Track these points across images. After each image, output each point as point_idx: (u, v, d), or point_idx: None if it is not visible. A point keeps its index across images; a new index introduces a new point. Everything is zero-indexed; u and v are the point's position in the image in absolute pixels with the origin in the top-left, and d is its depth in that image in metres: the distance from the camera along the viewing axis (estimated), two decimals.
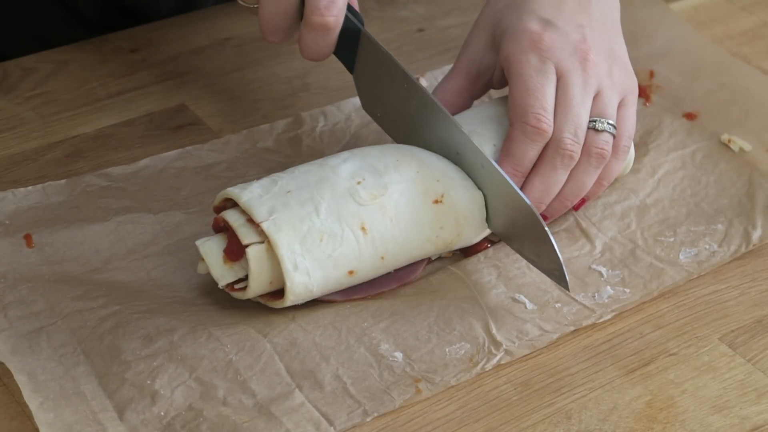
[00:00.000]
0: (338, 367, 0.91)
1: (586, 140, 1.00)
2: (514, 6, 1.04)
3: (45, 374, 0.89)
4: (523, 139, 0.99)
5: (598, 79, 1.01)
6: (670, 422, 0.89)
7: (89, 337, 0.92)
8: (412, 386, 0.90)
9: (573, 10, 1.03)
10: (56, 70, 1.21)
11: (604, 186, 1.04)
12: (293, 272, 0.92)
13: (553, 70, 1.00)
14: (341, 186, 0.95)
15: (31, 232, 1.01)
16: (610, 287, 0.99)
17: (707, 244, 1.03)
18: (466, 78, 1.06)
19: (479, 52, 1.05)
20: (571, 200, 1.02)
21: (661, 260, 1.02)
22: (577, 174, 1.01)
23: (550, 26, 1.01)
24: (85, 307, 0.94)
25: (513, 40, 1.01)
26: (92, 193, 1.05)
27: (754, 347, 0.95)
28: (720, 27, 1.31)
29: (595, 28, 1.03)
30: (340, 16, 1.02)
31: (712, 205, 1.07)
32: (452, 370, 0.92)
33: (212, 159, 1.10)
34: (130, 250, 1.01)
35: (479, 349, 0.93)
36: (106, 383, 0.89)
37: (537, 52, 1.00)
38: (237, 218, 0.94)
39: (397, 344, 0.93)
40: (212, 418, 0.87)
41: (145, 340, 0.91)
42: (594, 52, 1.01)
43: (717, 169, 1.11)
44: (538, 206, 1.00)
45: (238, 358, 0.91)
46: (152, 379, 0.89)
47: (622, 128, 1.03)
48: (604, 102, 1.01)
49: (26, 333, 0.92)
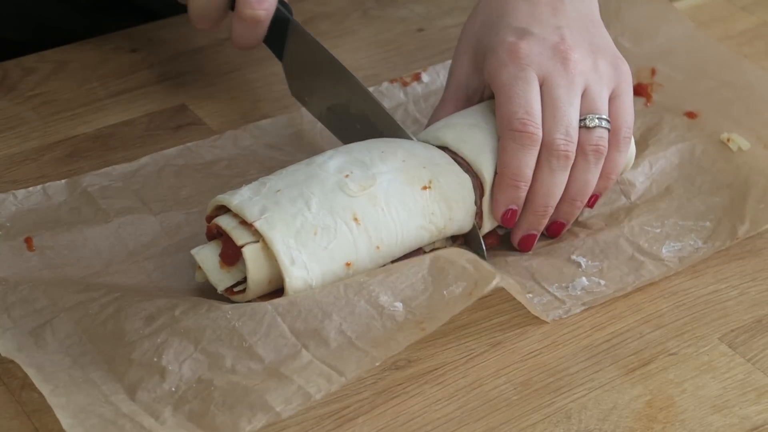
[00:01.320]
0: (341, 323, 0.91)
1: (579, 139, 1.00)
2: (489, 24, 1.04)
3: (53, 366, 0.89)
4: (514, 146, 0.98)
5: (584, 76, 1.01)
6: (670, 422, 0.89)
7: (92, 324, 0.92)
8: (416, 327, 0.90)
9: (547, 15, 1.03)
10: (56, 70, 1.21)
11: (612, 179, 1.03)
12: (290, 267, 0.92)
13: (534, 76, 0.99)
14: (330, 180, 0.96)
15: (32, 235, 1.01)
16: (586, 278, 0.99)
17: (692, 240, 1.03)
18: (456, 105, 1.06)
19: (464, 76, 1.05)
20: (580, 200, 1.01)
21: (643, 253, 1.02)
22: (577, 173, 1.00)
23: (526, 34, 1.01)
24: (86, 298, 0.94)
25: (492, 56, 1.01)
26: (93, 194, 1.05)
27: (753, 347, 0.95)
28: (720, 27, 1.31)
29: (573, 27, 1.03)
30: (271, 8, 1.07)
31: (704, 203, 1.07)
32: (453, 306, 0.91)
33: (213, 156, 1.10)
34: (130, 253, 1.01)
35: (475, 283, 0.92)
36: (114, 367, 0.89)
37: (515, 61, 1.00)
38: (229, 222, 0.94)
39: (396, 295, 0.93)
40: (223, 386, 0.86)
41: (147, 320, 0.91)
42: (575, 50, 1.01)
43: (714, 167, 1.10)
44: (544, 211, 1.00)
45: (241, 323, 0.90)
46: (158, 356, 0.88)
47: (619, 120, 1.02)
48: (592, 97, 1.01)
49: (31, 330, 0.92)
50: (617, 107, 1.02)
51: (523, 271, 1.00)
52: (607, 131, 1.01)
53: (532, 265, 1.01)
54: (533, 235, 1.01)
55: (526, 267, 1.00)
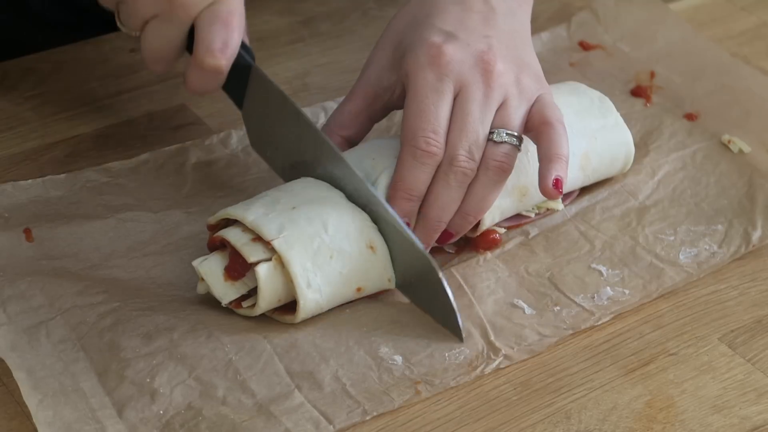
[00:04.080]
0: (338, 369, 0.91)
1: (485, 153, 0.97)
2: (416, 23, 1.01)
3: (44, 370, 0.89)
4: (413, 162, 0.96)
5: (503, 89, 0.98)
6: (670, 422, 0.89)
7: (89, 333, 0.92)
8: (411, 388, 0.90)
9: (477, 23, 1.01)
10: (56, 70, 1.21)
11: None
12: (306, 290, 0.92)
13: (450, 87, 0.97)
14: (343, 204, 0.96)
15: (31, 227, 1.01)
16: (610, 288, 0.99)
17: (707, 244, 1.03)
18: (364, 99, 1.03)
19: (379, 72, 1.02)
20: (474, 215, 0.98)
21: (661, 260, 1.02)
22: (476, 188, 0.98)
23: (451, 38, 0.99)
24: (84, 303, 0.94)
25: (412, 54, 0.98)
26: (92, 189, 1.05)
27: (753, 347, 0.95)
28: (720, 27, 1.31)
29: (501, 39, 1.00)
30: (233, 57, 1.00)
31: (712, 206, 1.07)
32: (452, 374, 0.92)
33: (213, 155, 1.10)
34: (129, 248, 1.01)
35: (478, 355, 0.93)
36: (105, 380, 0.89)
37: (435, 68, 0.97)
38: (240, 237, 0.94)
39: (397, 348, 0.93)
40: (211, 417, 0.87)
41: (145, 338, 0.91)
42: (500, 62, 0.98)
43: (717, 169, 1.10)
44: (437, 225, 0.97)
45: (238, 357, 0.91)
46: (152, 378, 0.89)
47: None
48: (507, 112, 0.98)
49: (25, 328, 0.92)
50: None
51: (546, 282, 0.99)
52: (516, 149, 0.98)
53: (553, 275, 1.00)
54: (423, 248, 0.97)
55: (548, 278, 1.00)
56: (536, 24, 1.28)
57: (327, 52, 1.25)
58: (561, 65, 1.22)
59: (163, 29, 1.00)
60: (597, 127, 1.06)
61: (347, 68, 1.16)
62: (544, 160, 0.97)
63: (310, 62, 1.23)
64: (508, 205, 1.02)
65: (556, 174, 0.96)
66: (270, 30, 1.27)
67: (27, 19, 1.27)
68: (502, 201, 1.01)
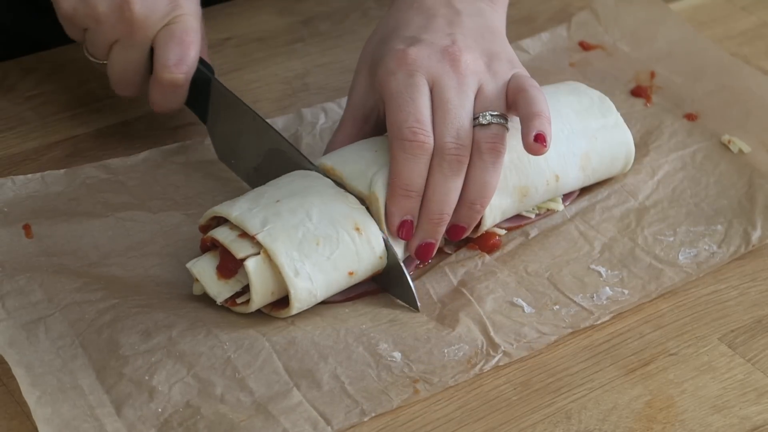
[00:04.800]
0: (336, 367, 0.91)
1: (474, 138, 0.97)
2: (384, 40, 1.02)
3: (42, 367, 0.89)
4: (405, 156, 0.96)
5: (476, 76, 0.98)
6: (670, 422, 0.89)
7: (87, 330, 0.92)
8: (410, 386, 0.90)
9: (441, 25, 1.01)
10: (56, 70, 1.21)
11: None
12: (295, 278, 0.92)
13: (423, 80, 0.97)
14: (329, 191, 0.96)
15: (30, 223, 1.01)
16: (609, 288, 0.99)
17: (707, 244, 1.03)
18: (354, 125, 1.03)
19: (361, 95, 1.03)
20: (479, 203, 0.98)
21: (660, 260, 1.02)
22: (474, 174, 0.97)
23: (415, 42, 0.99)
24: (83, 299, 0.94)
25: (382, 65, 0.99)
26: (91, 186, 1.06)
27: (753, 347, 0.95)
28: (720, 27, 1.31)
29: (467, 34, 1.00)
30: (190, 72, 1.04)
31: (712, 206, 1.07)
32: (450, 371, 0.92)
33: (212, 155, 1.10)
34: (128, 248, 1.01)
35: (477, 352, 0.93)
36: (104, 378, 0.89)
37: (403, 68, 0.98)
38: (227, 235, 0.94)
39: (396, 344, 0.93)
40: (209, 416, 0.87)
41: (144, 336, 0.91)
42: (465, 53, 0.99)
43: (717, 170, 1.11)
44: (440, 217, 0.97)
45: (237, 356, 0.91)
46: (150, 375, 0.89)
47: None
48: (486, 95, 0.98)
49: (24, 324, 0.92)
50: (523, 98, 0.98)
51: (545, 282, 0.99)
52: (504, 128, 0.97)
53: (552, 275, 1.00)
54: (431, 243, 0.98)
55: (547, 278, 1.00)
56: (536, 24, 1.29)
57: (327, 52, 1.25)
58: (561, 65, 1.23)
59: (126, 53, 1.05)
60: (597, 127, 1.07)
61: (347, 68, 1.16)
62: (524, 121, 0.96)
63: (310, 62, 1.23)
64: (509, 205, 1.02)
65: (537, 130, 0.96)
66: (270, 30, 1.27)
67: (41, 16, 1.28)
68: (503, 201, 1.01)
